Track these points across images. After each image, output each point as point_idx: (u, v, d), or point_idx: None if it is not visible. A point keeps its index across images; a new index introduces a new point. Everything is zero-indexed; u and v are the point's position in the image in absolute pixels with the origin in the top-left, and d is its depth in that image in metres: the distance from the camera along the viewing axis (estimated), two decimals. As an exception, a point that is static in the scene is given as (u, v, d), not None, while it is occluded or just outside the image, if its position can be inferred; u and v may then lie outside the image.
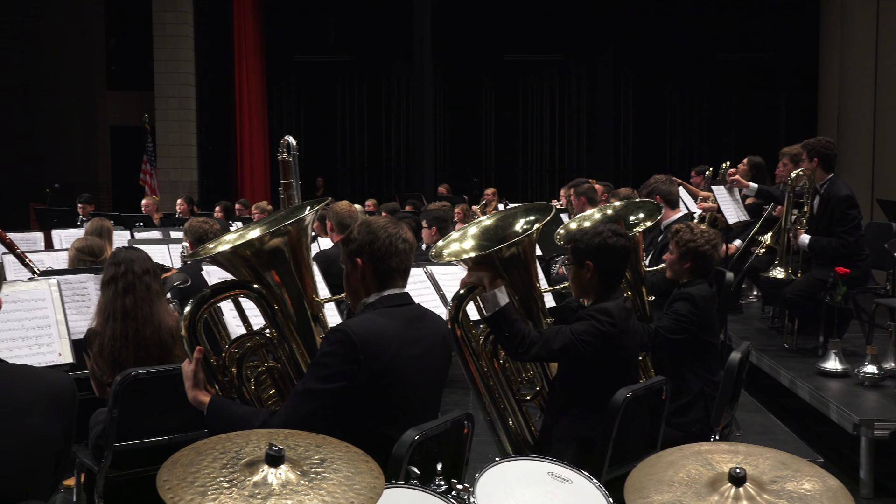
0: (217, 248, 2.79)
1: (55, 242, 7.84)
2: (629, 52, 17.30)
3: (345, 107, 18.57)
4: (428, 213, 7.14)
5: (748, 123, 17.32)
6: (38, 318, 3.71)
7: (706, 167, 9.91)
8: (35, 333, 3.69)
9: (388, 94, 18.45)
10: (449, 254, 3.42)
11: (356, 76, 18.39)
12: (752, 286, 8.49)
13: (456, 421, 2.71)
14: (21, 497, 2.00)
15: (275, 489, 1.72)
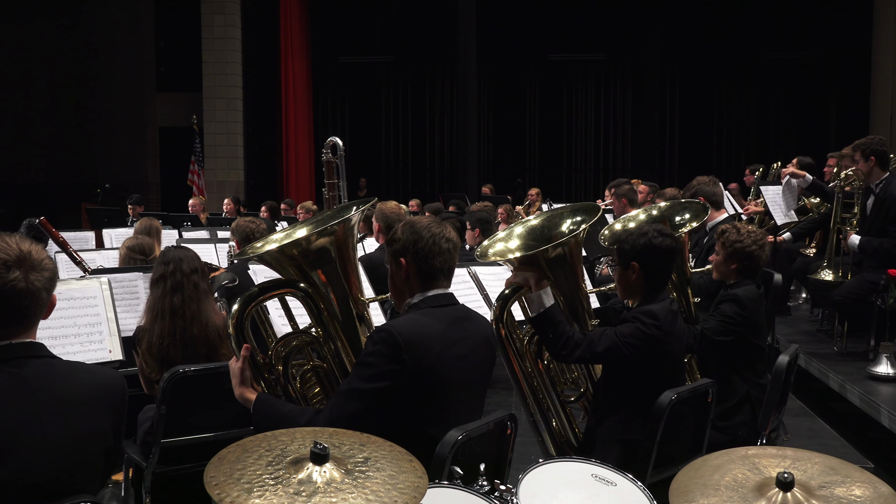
0: (264, 247, 2.82)
1: (106, 241, 7.98)
2: (675, 51, 17.11)
3: (389, 107, 18.65)
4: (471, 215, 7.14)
5: (797, 123, 17.03)
6: (89, 316, 3.79)
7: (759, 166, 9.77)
8: (87, 331, 3.76)
9: (432, 94, 18.49)
10: (494, 253, 3.41)
11: (401, 76, 18.46)
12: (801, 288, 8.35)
13: (499, 421, 2.70)
14: (72, 490, 2.05)
15: (319, 487, 1.74)
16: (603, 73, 18.08)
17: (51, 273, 2.06)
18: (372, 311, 3.09)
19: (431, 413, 2.58)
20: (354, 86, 18.51)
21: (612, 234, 4.00)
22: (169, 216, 9.97)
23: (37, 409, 1.99)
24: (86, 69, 16.34)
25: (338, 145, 6.24)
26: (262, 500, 1.69)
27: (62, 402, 2.04)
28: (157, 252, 5.18)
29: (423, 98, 18.51)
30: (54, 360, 2.10)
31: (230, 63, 15.61)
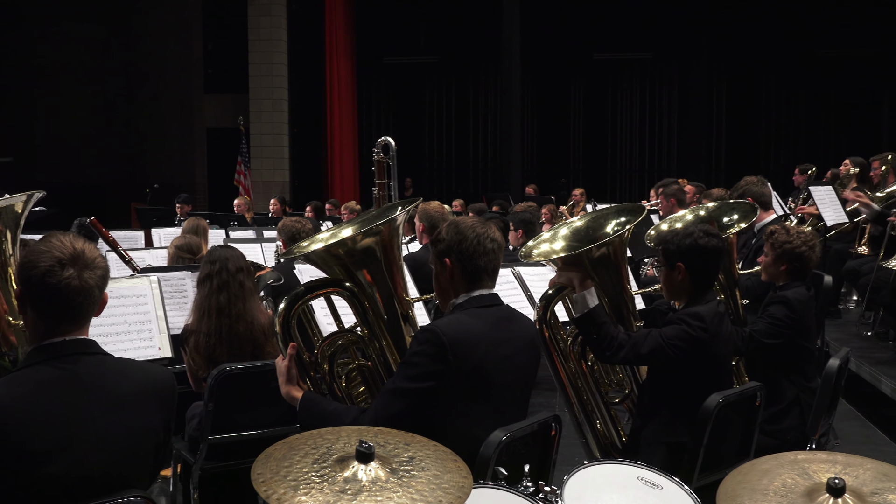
0: (311, 246, 2.85)
1: (155, 240, 8.11)
2: (723, 50, 16.88)
3: (433, 108, 18.68)
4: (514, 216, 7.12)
5: (846, 122, 16.69)
6: (139, 314, 3.85)
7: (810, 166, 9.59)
8: (136, 328, 3.83)
9: (476, 94, 18.48)
10: (538, 254, 3.40)
11: (444, 77, 18.48)
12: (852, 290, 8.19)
13: (543, 422, 2.69)
14: (123, 485, 2.09)
15: (365, 485, 1.74)
16: (649, 72, 17.91)
17: (103, 271, 2.10)
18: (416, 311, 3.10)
19: (476, 413, 2.57)
20: (398, 86, 18.57)
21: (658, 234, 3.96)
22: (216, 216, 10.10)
23: (89, 405, 2.03)
24: (135, 72, 16.62)
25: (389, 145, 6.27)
26: (308, 497, 1.70)
27: (114, 398, 2.08)
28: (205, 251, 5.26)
29: (467, 98, 18.51)
30: (106, 356, 2.14)
31: (276, 64, 15.77)
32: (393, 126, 18.32)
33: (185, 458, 3.67)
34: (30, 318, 2.08)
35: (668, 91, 17.88)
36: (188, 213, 10.45)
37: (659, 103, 17.95)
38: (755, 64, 17.00)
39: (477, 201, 11.69)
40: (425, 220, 5.39)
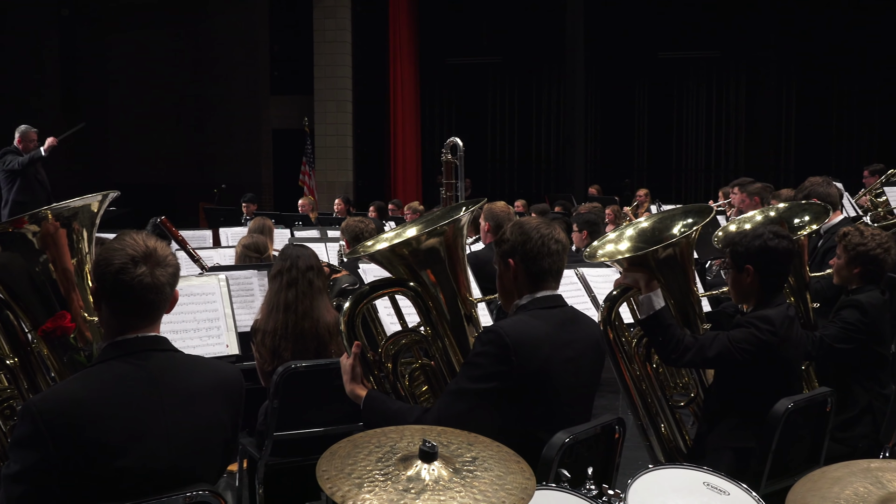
0: (376, 245, 2.87)
1: (222, 240, 8.26)
2: (793, 47, 16.49)
3: (496, 108, 18.65)
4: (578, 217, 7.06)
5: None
6: (208, 311, 3.93)
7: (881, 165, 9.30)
8: (205, 326, 3.91)
9: (538, 94, 18.39)
10: (603, 254, 3.38)
11: (507, 77, 18.43)
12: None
13: (607, 425, 2.67)
14: (192, 479, 2.13)
15: (428, 485, 1.75)
16: (716, 70, 17.58)
17: (174, 269, 2.15)
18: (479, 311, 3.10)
19: (538, 415, 2.57)
20: (461, 87, 18.59)
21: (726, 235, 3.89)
22: (281, 216, 10.24)
23: (160, 401, 2.07)
24: (204, 74, 16.97)
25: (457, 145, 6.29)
26: (372, 495, 1.72)
27: (184, 394, 2.12)
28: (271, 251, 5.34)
29: (530, 98, 18.43)
30: (177, 353, 2.19)
31: (340, 66, 15.94)
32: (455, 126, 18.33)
33: (251, 453, 3.73)
34: (104, 315, 2.13)
35: (735, 89, 17.53)
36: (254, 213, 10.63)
37: (726, 102, 17.60)
38: (826, 60, 16.55)
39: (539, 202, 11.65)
40: (491, 220, 5.38)
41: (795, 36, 16.39)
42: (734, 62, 17.37)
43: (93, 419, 1.98)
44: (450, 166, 6.40)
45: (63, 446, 1.95)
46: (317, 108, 16.04)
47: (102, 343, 2.16)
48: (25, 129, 9.02)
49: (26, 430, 1.96)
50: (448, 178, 6.51)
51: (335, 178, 16.09)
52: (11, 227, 2.20)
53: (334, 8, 15.80)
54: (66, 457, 1.95)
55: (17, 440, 1.99)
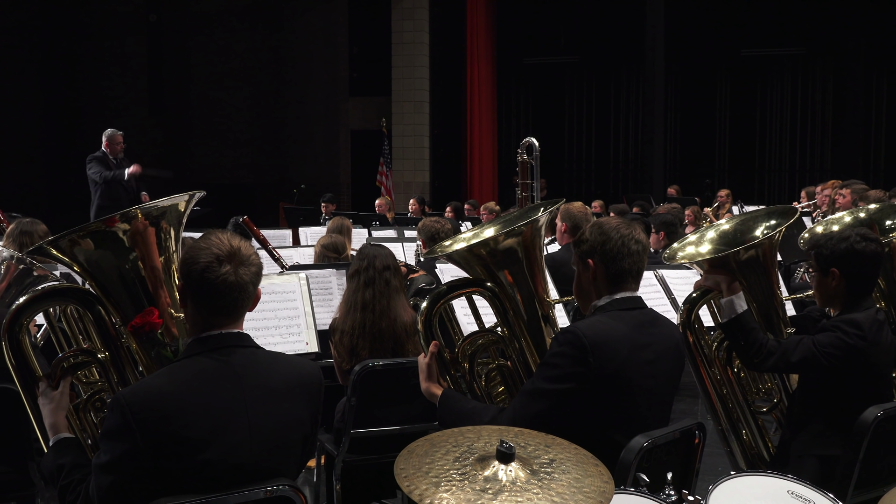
0: (453, 246, 2.89)
1: (301, 239, 8.39)
2: (881, 42, 15.90)
3: (573, 107, 18.49)
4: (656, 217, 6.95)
5: None
6: (288, 309, 4.00)
7: None
8: (286, 323, 3.98)
9: (617, 93, 18.17)
10: (683, 256, 3.32)
11: (585, 76, 18.27)
12: None
13: (686, 430, 2.63)
14: (273, 474, 2.17)
15: (505, 485, 1.75)
16: (801, 67, 17.08)
17: (257, 268, 2.19)
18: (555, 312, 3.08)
19: (616, 418, 2.54)
20: (538, 87, 18.50)
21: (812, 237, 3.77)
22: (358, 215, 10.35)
23: (242, 396, 2.12)
24: (284, 75, 17.27)
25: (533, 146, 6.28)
26: (449, 494, 1.72)
27: (265, 390, 2.16)
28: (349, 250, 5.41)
29: (608, 98, 18.22)
30: (259, 350, 2.23)
31: (418, 67, 16.04)
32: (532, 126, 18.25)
33: (329, 450, 3.78)
34: (190, 312, 2.19)
35: (821, 87, 17.00)
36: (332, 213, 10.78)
37: (811, 100, 17.09)
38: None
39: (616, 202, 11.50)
40: (568, 221, 5.33)
41: (883, 31, 15.80)
42: (820, 59, 16.85)
43: (178, 412, 2.03)
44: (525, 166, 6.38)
45: (150, 438, 2.00)
46: (394, 108, 16.17)
47: (188, 339, 2.22)
48: (112, 133, 9.33)
49: (115, 421, 2.02)
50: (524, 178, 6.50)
51: (412, 178, 16.20)
52: (104, 226, 2.28)
53: (412, 9, 15.91)
54: (153, 448, 2.01)
55: (107, 431, 2.05)
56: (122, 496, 2.04)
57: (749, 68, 17.27)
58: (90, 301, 2.36)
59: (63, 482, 2.20)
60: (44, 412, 2.35)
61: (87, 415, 2.42)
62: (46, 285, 2.66)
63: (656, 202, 11.60)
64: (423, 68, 16.09)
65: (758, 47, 16.90)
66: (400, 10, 15.95)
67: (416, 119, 16.15)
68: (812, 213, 8.05)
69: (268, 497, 2.13)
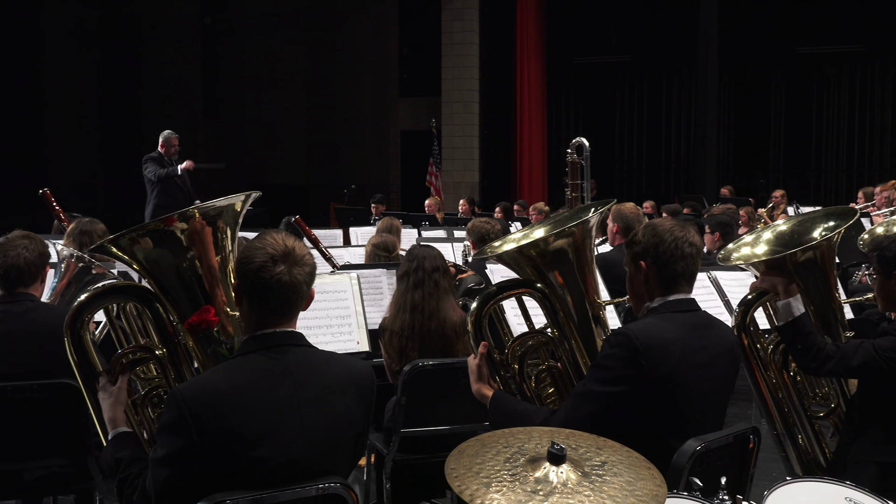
0: (503, 246, 2.88)
1: (352, 239, 8.45)
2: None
3: (624, 107, 18.32)
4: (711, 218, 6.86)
5: None
6: (340, 309, 4.04)
7: None
8: (337, 322, 4.02)
9: (669, 92, 17.95)
10: (738, 257, 3.27)
11: (636, 75, 18.09)
12: None
13: (740, 434, 2.59)
14: (325, 472, 2.19)
15: (556, 487, 1.74)
16: (858, 65, 16.69)
17: (311, 268, 2.21)
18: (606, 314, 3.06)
19: (669, 421, 2.51)
20: (589, 86, 18.36)
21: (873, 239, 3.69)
22: (408, 215, 10.39)
23: (296, 394, 2.14)
24: (335, 77, 17.42)
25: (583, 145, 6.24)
26: (500, 495, 1.72)
27: (318, 388, 2.18)
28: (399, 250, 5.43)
29: (660, 97, 18.01)
30: (312, 349, 2.25)
31: (468, 67, 16.05)
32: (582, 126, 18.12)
33: (379, 448, 3.81)
34: (245, 310, 2.22)
35: (880, 85, 16.60)
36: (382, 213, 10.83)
37: (870, 98, 16.68)
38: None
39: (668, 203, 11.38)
40: (619, 222, 5.28)
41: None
42: (879, 56, 16.44)
43: (233, 408, 2.06)
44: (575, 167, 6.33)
45: (205, 433, 2.04)
46: (444, 109, 16.20)
47: (243, 337, 2.26)
48: (168, 134, 9.51)
49: (172, 416, 2.06)
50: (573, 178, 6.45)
51: (461, 178, 16.21)
52: (163, 225, 2.32)
53: (462, 10, 15.92)
54: (207, 443, 2.04)
55: (164, 426, 2.09)
56: (178, 490, 2.07)
57: (805, 66, 16.94)
58: (149, 298, 2.40)
59: (121, 475, 2.25)
60: (103, 406, 2.40)
61: (145, 410, 2.47)
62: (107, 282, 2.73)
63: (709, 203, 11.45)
64: (473, 68, 16.09)
65: (814, 45, 16.55)
66: (450, 10, 15.97)
67: (465, 119, 16.15)
68: (871, 214, 7.87)
69: (320, 494, 2.15)
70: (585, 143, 6.15)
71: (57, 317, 3.11)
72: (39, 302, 3.50)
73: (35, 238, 3.49)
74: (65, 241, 4.69)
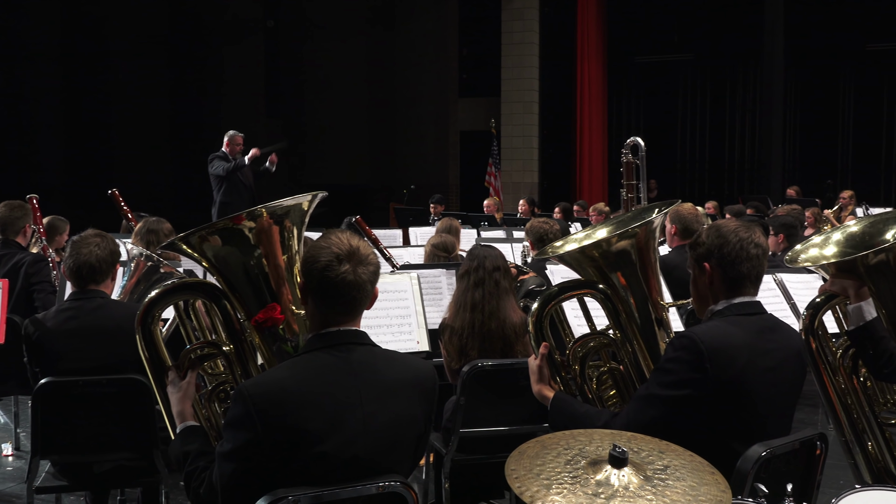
0: (565, 247, 2.87)
1: (411, 239, 8.49)
2: None
3: (686, 106, 18.06)
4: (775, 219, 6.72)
5: None
6: (400, 308, 4.07)
7: None
8: (398, 322, 4.04)
9: (733, 91, 17.63)
10: (806, 259, 3.19)
11: (699, 74, 17.81)
12: None
13: (807, 440, 2.54)
14: (386, 470, 2.21)
15: (618, 490, 1.73)
16: (933, 61, 16.19)
17: (375, 267, 2.24)
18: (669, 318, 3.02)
19: (733, 426, 2.48)
20: (650, 86, 18.15)
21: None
22: (467, 216, 10.40)
23: (359, 392, 2.16)
24: (395, 77, 17.51)
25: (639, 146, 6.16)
26: (560, 497, 1.71)
27: (381, 387, 2.20)
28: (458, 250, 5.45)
29: (724, 95, 17.70)
30: (375, 347, 2.28)
31: (527, 67, 15.99)
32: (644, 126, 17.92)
33: (438, 448, 3.82)
34: (310, 309, 2.25)
35: (956, 82, 16.07)
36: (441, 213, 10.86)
37: (945, 95, 16.16)
38: None
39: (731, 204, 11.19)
40: (678, 223, 5.20)
41: None
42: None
43: (297, 405, 2.10)
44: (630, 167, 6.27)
45: (270, 428, 2.07)
46: (503, 109, 16.18)
47: (308, 334, 2.29)
48: (233, 134, 9.69)
49: (238, 411, 2.10)
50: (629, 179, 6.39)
51: (520, 178, 16.17)
52: (231, 223, 2.37)
53: (522, 9, 15.88)
54: (272, 438, 2.08)
55: (230, 421, 2.13)
56: (243, 484, 2.11)
57: (875, 62, 16.47)
58: (217, 296, 2.45)
59: (189, 468, 2.30)
60: (172, 401, 2.46)
61: (212, 405, 2.51)
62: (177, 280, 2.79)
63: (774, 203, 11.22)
64: (533, 68, 16.03)
65: (884, 41, 16.08)
66: (510, 10, 15.94)
67: (525, 119, 16.11)
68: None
69: (380, 493, 2.17)
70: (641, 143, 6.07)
71: (127, 313, 3.20)
72: (110, 299, 3.60)
73: (106, 237, 3.59)
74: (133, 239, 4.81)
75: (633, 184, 6.18)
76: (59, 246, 5.91)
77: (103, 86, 15.47)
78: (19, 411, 5.39)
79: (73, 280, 3.53)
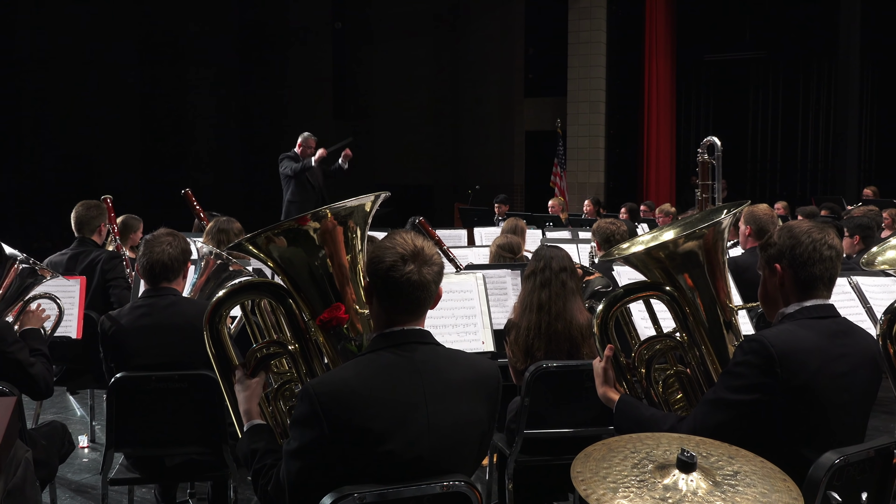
0: (631, 248, 2.83)
1: (476, 239, 8.49)
2: None
3: (757, 105, 17.66)
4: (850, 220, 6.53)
5: None
6: (465, 308, 4.07)
7: None
8: (463, 322, 4.05)
9: (806, 89, 17.17)
10: (883, 261, 3.10)
11: (771, 72, 17.40)
12: None
13: (883, 448, 2.46)
14: (450, 469, 2.21)
15: (686, 495, 1.70)
16: None
17: (439, 268, 2.25)
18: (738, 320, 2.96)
19: (805, 432, 2.41)
20: (720, 84, 17.80)
21: None
22: (532, 216, 10.35)
23: (423, 391, 2.17)
24: (461, 77, 17.54)
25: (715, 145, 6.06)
26: (627, 501, 1.69)
27: (445, 387, 2.21)
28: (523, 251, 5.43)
29: (797, 94, 17.25)
30: (439, 347, 2.28)
31: (594, 67, 15.85)
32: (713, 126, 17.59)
33: (501, 449, 3.82)
34: (374, 308, 2.27)
35: None
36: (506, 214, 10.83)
37: None
38: None
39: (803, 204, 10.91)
40: (752, 224, 5.10)
41: None
42: None
43: (362, 404, 2.11)
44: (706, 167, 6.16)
45: (336, 427, 2.09)
46: (569, 109, 16.06)
47: (372, 334, 2.31)
48: (307, 136, 9.83)
49: (304, 410, 2.13)
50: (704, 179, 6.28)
51: (586, 179, 16.04)
52: (296, 224, 2.40)
53: (589, 8, 15.74)
54: (338, 437, 2.10)
55: (297, 419, 2.16)
56: (310, 482, 2.14)
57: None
58: (283, 295, 2.48)
59: (256, 466, 2.33)
60: (239, 399, 2.50)
61: (278, 403, 2.55)
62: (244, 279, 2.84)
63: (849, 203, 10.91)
64: (600, 68, 15.88)
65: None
66: (577, 9, 15.82)
67: (591, 119, 15.97)
68: None
69: (444, 492, 2.17)
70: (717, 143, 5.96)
71: (197, 311, 3.27)
72: (181, 296, 3.69)
73: (178, 235, 3.68)
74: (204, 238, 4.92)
75: (708, 184, 6.06)
76: (132, 244, 6.07)
77: (178, 88, 15.86)
78: (95, 405, 5.56)
79: (147, 277, 3.63)
